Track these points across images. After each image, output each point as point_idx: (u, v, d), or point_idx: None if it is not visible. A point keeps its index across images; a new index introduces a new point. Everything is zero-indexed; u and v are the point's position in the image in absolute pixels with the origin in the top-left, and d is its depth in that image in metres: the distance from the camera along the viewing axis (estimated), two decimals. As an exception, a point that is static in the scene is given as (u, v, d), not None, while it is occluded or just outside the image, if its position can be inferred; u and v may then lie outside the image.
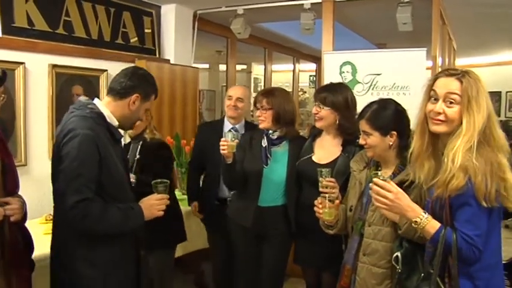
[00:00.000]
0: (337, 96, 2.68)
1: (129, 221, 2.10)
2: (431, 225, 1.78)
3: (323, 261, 2.70)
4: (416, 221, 1.80)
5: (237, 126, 3.32)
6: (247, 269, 2.97)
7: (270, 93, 2.89)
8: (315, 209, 2.31)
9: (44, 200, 3.33)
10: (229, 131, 2.92)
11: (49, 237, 2.19)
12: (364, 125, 2.23)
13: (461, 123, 1.75)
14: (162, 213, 2.18)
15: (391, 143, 2.20)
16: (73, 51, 3.76)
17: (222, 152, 2.69)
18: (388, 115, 2.21)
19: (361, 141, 2.27)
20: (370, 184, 1.90)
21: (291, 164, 2.82)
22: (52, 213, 2.19)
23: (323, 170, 2.43)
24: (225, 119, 3.41)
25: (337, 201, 2.31)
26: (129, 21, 4.35)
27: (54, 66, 3.57)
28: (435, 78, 1.87)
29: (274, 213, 2.84)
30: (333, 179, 2.44)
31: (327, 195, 2.31)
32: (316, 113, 2.70)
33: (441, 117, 1.79)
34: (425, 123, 1.87)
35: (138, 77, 2.21)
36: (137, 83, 2.19)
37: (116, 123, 2.18)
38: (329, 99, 2.67)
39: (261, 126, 2.87)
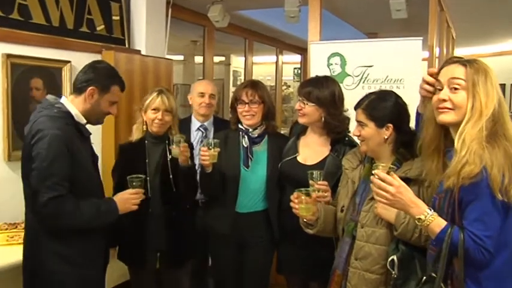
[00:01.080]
0: (323, 91, 2.64)
1: (102, 216, 2.31)
2: (437, 223, 1.75)
3: (310, 270, 2.67)
4: (420, 218, 1.76)
5: (205, 123, 3.35)
6: (227, 281, 2.94)
7: (257, 85, 2.86)
8: (291, 204, 2.28)
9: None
10: (207, 138, 2.92)
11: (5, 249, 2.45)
12: (360, 115, 2.23)
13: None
14: (136, 207, 2.40)
15: (386, 137, 2.19)
16: (31, 39, 3.58)
17: (202, 162, 2.67)
18: (387, 106, 2.20)
19: (354, 131, 2.26)
20: (371, 177, 1.88)
21: (271, 165, 2.79)
22: (8, 221, 2.48)
23: (314, 172, 2.39)
24: (192, 116, 3.40)
25: (313, 195, 2.28)
26: (95, 7, 4.19)
27: (9, 56, 3.38)
28: (440, 68, 1.86)
29: (255, 219, 2.82)
30: (325, 182, 2.40)
31: (303, 189, 2.27)
32: (300, 109, 2.65)
33: (447, 104, 1.78)
34: (433, 116, 1.86)
35: (93, 70, 2.39)
36: (91, 76, 2.36)
37: (83, 120, 2.38)
38: (314, 94, 2.62)
39: (248, 123, 2.83)
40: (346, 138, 2.70)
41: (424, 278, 1.83)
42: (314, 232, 2.35)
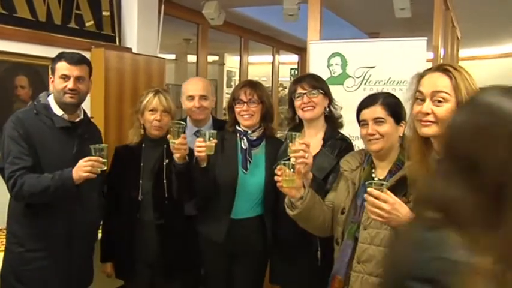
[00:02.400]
0: (322, 81, 2.75)
1: (58, 182, 2.40)
2: None
3: (306, 279, 2.65)
4: None
5: (203, 128, 3.15)
6: None
7: (256, 85, 2.85)
8: (275, 178, 2.24)
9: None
10: (199, 131, 2.80)
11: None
12: (378, 111, 2.21)
13: None
14: (87, 175, 2.39)
15: (401, 135, 2.21)
16: (15, 34, 3.54)
17: (197, 154, 2.60)
18: (398, 103, 2.23)
19: (367, 131, 2.22)
20: (365, 195, 1.90)
21: (269, 168, 2.76)
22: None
23: (293, 133, 2.39)
24: (188, 121, 3.25)
25: (298, 168, 2.25)
26: (84, 2, 4.16)
27: (-8, 51, 3.36)
28: (420, 77, 1.88)
29: (250, 225, 2.80)
30: (306, 141, 2.38)
31: (286, 162, 2.25)
32: (308, 102, 2.65)
33: (430, 117, 1.80)
34: (414, 128, 1.88)
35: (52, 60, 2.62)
36: (51, 65, 2.62)
37: (59, 112, 2.58)
38: (318, 84, 2.70)
39: (247, 123, 2.81)
40: (340, 135, 2.72)
41: None
42: (296, 214, 2.28)
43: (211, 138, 2.58)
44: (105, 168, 2.46)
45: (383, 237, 2.10)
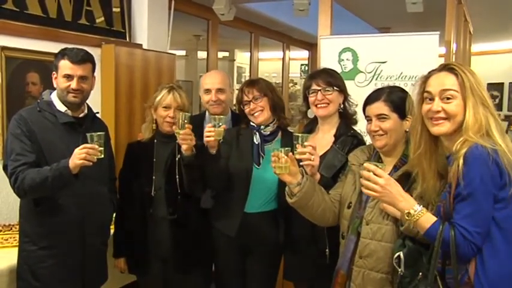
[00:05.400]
0: (337, 77, 2.75)
1: (56, 171, 2.37)
2: (426, 218, 1.84)
3: (317, 276, 2.65)
4: (409, 213, 1.85)
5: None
6: (230, 286, 2.92)
7: (254, 81, 2.86)
8: (271, 164, 2.27)
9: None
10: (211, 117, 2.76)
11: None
12: (380, 108, 2.23)
13: (464, 119, 1.82)
14: (82, 162, 2.33)
15: (407, 130, 2.21)
16: (27, 31, 3.56)
17: (206, 140, 2.59)
18: (404, 98, 2.22)
19: (371, 127, 2.25)
20: (360, 171, 1.98)
21: None
22: (3, 223, 2.66)
23: (300, 135, 2.40)
24: (206, 115, 3.27)
25: (290, 154, 2.26)
26: (95, -2, 4.18)
27: (4, 48, 3.36)
28: (426, 78, 1.94)
29: (263, 220, 2.79)
30: (313, 143, 2.40)
31: (282, 149, 2.26)
32: (322, 99, 2.66)
33: (441, 114, 1.86)
34: (421, 127, 1.95)
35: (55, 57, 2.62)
36: (54, 61, 2.60)
37: (63, 108, 2.58)
38: (334, 81, 2.69)
39: (259, 120, 2.81)
40: (351, 131, 2.71)
41: (420, 273, 1.90)
42: (294, 201, 2.29)
43: (220, 124, 2.57)
44: (102, 156, 2.39)
45: (384, 232, 2.12)
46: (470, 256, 1.78)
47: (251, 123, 2.84)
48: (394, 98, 2.22)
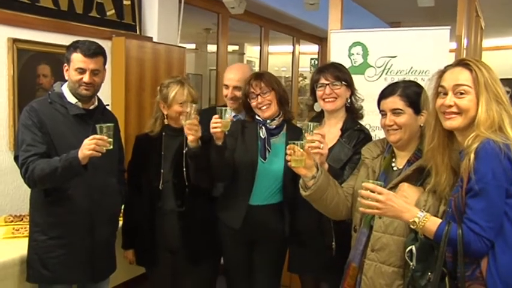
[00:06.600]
0: (345, 71, 2.75)
1: (66, 161, 2.39)
2: (432, 222, 1.86)
3: (322, 269, 2.68)
4: (414, 221, 1.87)
5: (239, 115, 3.17)
6: (238, 279, 2.94)
7: (262, 74, 2.86)
8: (287, 157, 2.26)
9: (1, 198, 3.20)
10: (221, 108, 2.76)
11: (11, 242, 2.68)
12: (395, 102, 2.23)
13: (477, 114, 1.83)
14: (91, 152, 2.34)
15: (422, 124, 2.21)
16: (38, 23, 3.58)
17: (213, 131, 2.59)
18: (419, 93, 2.22)
19: (386, 121, 2.25)
20: (359, 191, 1.96)
21: None
22: (14, 213, 2.71)
23: (309, 123, 2.40)
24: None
25: (306, 146, 2.27)
26: (105, -9, 4.18)
27: (15, 40, 3.39)
28: (442, 72, 1.96)
29: (268, 212, 2.81)
30: (322, 132, 2.40)
31: (297, 142, 2.26)
32: (330, 93, 2.67)
33: (453, 109, 1.88)
34: (435, 121, 1.97)
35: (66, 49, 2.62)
36: (66, 54, 2.61)
37: (73, 100, 2.61)
38: (342, 75, 2.70)
39: (267, 114, 2.81)
40: (358, 126, 2.72)
41: (429, 273, 1.90)
42: (308, 194, 2.29)
43: (227, 116, 2.59)
44: (111, 147, 2.40)
45: (397, 226, 2.12)
46: (483, 252, 1.78)
47: (257, 117, 2.85)
48: (410, 92, 2.22)
